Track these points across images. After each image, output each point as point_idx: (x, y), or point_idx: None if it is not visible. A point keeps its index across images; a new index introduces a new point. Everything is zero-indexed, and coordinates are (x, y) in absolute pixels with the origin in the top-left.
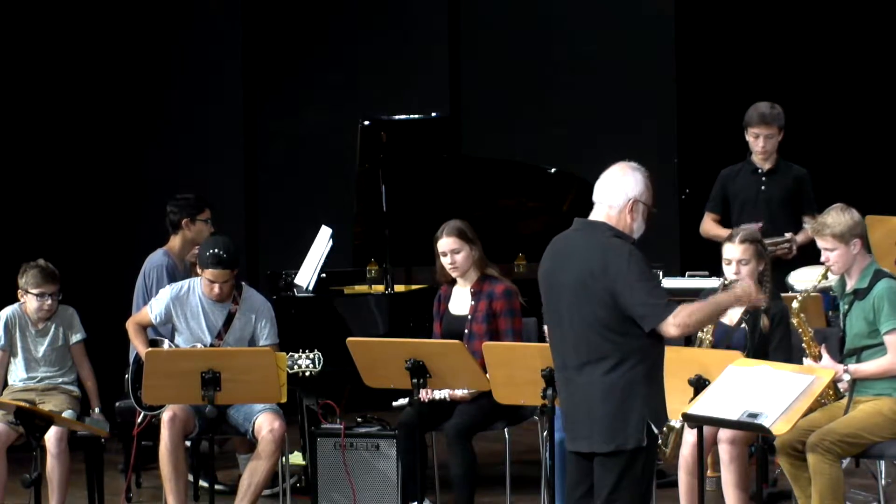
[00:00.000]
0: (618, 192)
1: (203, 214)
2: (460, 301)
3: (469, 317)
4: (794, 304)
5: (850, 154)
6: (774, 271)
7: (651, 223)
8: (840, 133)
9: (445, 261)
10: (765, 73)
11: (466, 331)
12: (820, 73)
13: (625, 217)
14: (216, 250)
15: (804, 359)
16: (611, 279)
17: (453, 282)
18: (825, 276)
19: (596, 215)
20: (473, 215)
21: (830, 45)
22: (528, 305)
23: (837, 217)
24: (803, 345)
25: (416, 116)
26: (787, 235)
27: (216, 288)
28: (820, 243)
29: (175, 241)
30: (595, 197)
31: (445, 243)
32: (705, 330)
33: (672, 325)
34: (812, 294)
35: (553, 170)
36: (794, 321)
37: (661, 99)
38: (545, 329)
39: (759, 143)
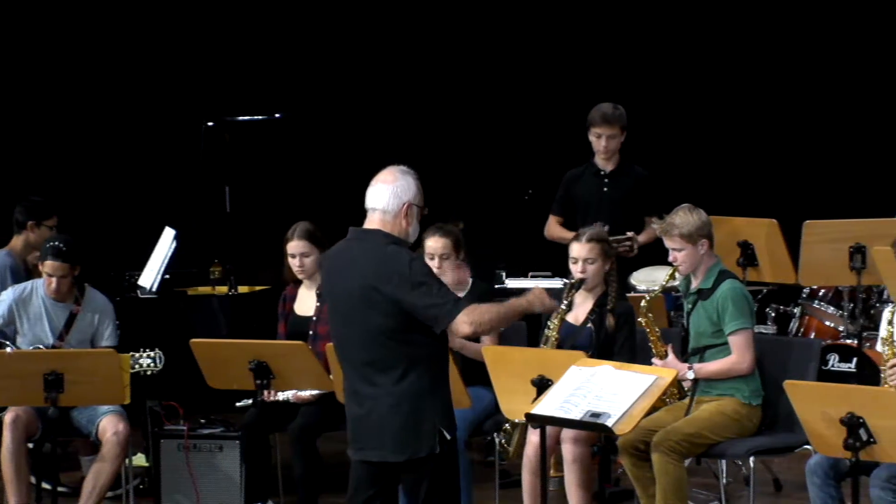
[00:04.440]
0: (391, 197)
1: (50, 221)
2: (306, 302)
3: (314, 318)
4: (643, 304)
5: (693, 155)
6: (617, 271)
7: (496, 223)
8: (682, 134)
9: (294, 263)
10: (608, 75)
11: (311, 332)
12: (663, 75)
13: (400, 222)
14: (55, 243)
15: (653, 359)
16: (394, 287)
17: (299, 282)
18: (673, 276)
19: (370, 223)
20: (319, 216)
21: (672, 46)
22: None
23: (685, 217)
24: (650, 344)
25: (260, 117)
26: (629, 234)
27: (53, 283)
28: (668, 243)
29: (17, 242)
30: (368, 204)
31: (295, 246)
32: (551, 327)
33: (465, 322)
34: (658, 294)
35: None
36: (642, 321)
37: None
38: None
39: (602, 142)
